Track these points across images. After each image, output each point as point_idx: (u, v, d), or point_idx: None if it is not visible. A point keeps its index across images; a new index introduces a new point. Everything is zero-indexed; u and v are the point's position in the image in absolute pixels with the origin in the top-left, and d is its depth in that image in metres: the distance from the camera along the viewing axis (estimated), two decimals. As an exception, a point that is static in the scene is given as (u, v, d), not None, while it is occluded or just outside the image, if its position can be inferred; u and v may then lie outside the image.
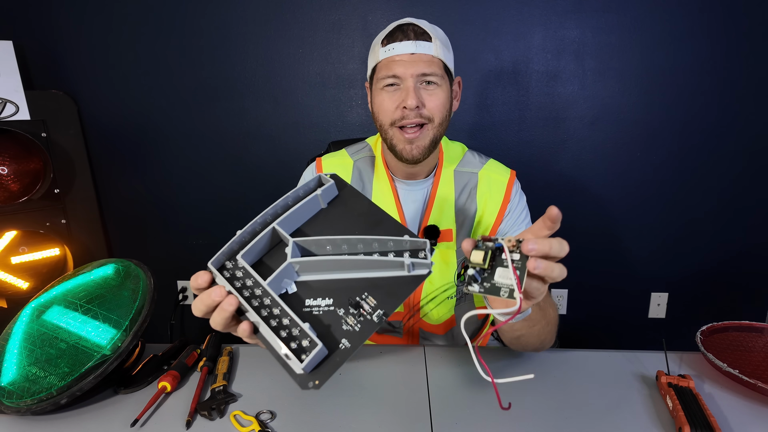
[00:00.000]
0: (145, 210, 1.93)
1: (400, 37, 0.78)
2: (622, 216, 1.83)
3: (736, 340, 0.79)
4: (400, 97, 0.78)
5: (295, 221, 0.53)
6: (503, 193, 0.88)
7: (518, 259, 0.46)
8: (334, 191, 0.56)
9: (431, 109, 0.78)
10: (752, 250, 1.83)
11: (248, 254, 0.49)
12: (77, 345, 0.68)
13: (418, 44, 0.77)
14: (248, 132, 1.82)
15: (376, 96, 0.81)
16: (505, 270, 0.47)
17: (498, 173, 0.90)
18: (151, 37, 1.72)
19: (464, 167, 0.90)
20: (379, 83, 0.80)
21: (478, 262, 0.47)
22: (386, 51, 0.78)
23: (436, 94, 0.79)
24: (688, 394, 0.65)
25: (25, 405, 0.64)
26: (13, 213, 1.58)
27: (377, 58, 0.80)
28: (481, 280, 0.48)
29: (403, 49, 0.77)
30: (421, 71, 0.77)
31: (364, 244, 0.49)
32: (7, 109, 1.55)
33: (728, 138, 1.72)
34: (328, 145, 1.19)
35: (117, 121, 1.82)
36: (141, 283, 0.75)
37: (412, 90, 0.76)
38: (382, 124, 0.82)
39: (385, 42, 0.79)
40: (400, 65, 0.77)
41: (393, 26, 0.80)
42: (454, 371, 0.75)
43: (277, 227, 0.51)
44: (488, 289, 0.47)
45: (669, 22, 1.62)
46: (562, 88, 1.71)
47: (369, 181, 0.90)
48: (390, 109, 0.79)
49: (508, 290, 0.46)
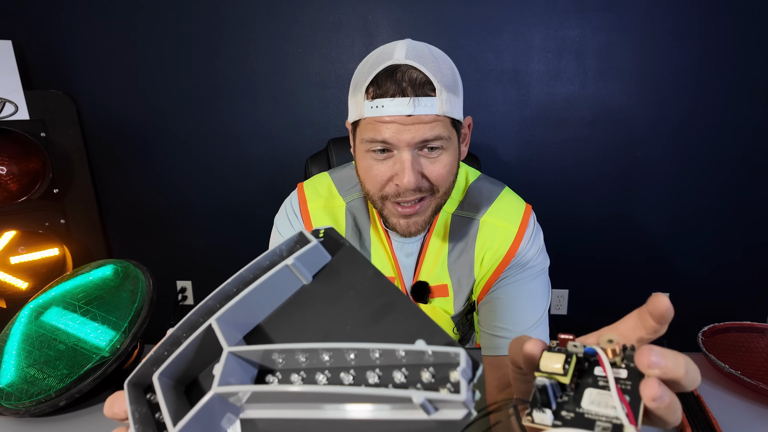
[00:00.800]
0: (144, 210, 1.93)
1: (392, 90, 0.56)
2: (622, 216, 1.83)
3: (737, 341, 0.79)
4: (392, 168, 0.59)
5: (255, 310, 0.33)
6: (507, 247, 0.70)
7: (625, 378, 0.28)
8: (322, 257, 0.35)
9: (435, 180, 0.61)
10: (753, 249, 1.83)
11: (169, 370, 0.30)
12: (76, 347, 0.67)
13: (417, 102, 0.56)
14: (248, 132, 1.81)
15: (362, 158, 0.62)
16: (602, 394, 0.28)
17: (505, 219, 0.72)
18: (150, 37, 1.72)
19: (464, 210, 0.73)
20: (364, 144, 0.60)
21: (556, 370, 0.28)
22: (373, 108, 0.57)
23: (441, 160, 0.60)
24: (689, 395, 0.65)
25: (23, 407, 0.64)
26: (12, 213, 1.58)
27: (360, 112, 0.59)
28: (558, 405, 0.28)
29: (396, 110, 0.56)
30: (420, 138, 0.57)
31: (358, 356, 0.28)
32: (6, 109, 1.54)
33: (728, 138, 1.71)
34: (328, 143, 1.19)
35: (116, 120, 1.82)
36: (140, 284, 0.75)
37: (408, 165, 0.57)
38: (369, 193, 0.64)
39: (371, 93, 0.57)
40: (391, 129, 0.57)
41: (381, 66, 0.57)
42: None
43: (215, 324, 0.30)
44: (570, 423, 0.28)
45: (669, 22, 1.61)
46: (563, 88, 1.71)
47: (366, 231, 0.74)
48: (380, 182, 0.61)
49: (609, 427, 0.26)
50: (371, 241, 0.74)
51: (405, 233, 0.64)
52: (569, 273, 1.89)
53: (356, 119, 0.61)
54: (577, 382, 0.29)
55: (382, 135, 0.57)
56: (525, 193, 0.93)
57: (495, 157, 1.79)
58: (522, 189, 0.92)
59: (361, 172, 0.64)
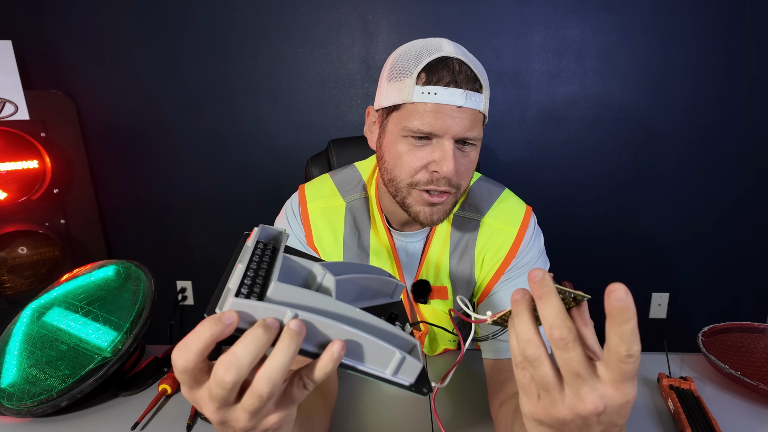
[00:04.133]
0: (144, 210, 1.93)
1: (447, 78, 0.57)
2: (623, 216, 1.83)
3: (737, 341, 0.79)
4: (429, 156, 0.60)
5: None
6: (507, 249, 0.71)
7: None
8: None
9: (461, 175, 0.62)
10: (753, 249, 1.83)
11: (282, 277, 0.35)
12: (78, 347, 0.67)
13: (469, 96, 0.57)
14: (248, 132, 1.81)
15: (394, 143, 0.62)
16: None
17: (505, 221, 0.72)
18: (150, 37, 1.72)
19: (466, 211, 0.74)
20: (403, 130, 0.60)
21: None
22: (425, 93, 0.57)
23: (470, 156, 0.62)
24: (689, 396, 0.65)
25: (25, 407, 0.64)
26: (12, 213, 1.58)
27: (407, 96, 0.59)
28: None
29: (450, 99, 0.57)
30: (465, 133, 0.58)
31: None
32: (6, 109, 1.54)
33: (729, 138, 1.72)
34: (329, 144, 1.19)
35: (116, 120, 1.82)
36: (142, 285, 0.75)
37: (450, 155, 0.58)
38: (395, 180, 0.64)
39: (424, 79, 0.58)
40: (443, 119, 0.57)
41: (431, 56, 0.58)
42: (456, 374, 0.75)
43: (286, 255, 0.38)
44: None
45: (669, 21, 1.61)
46: (563, 88, 1.71)
47: (366, 231, 0.74)
48: (414, 167, 0.61)
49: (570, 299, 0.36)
50: (370, 242, 0.74)
51: (428, 221, 0.64)
52: (570, 273, 1.90)
53: (399, 103, 0.60)
54: None
55: (431, 123, 0.57)
56: (525, 193, 0.93)
57: (494, 157, 1.79)
58: (522, 189, 0.92)
59: (392, 157, 0.63)
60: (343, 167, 0.82)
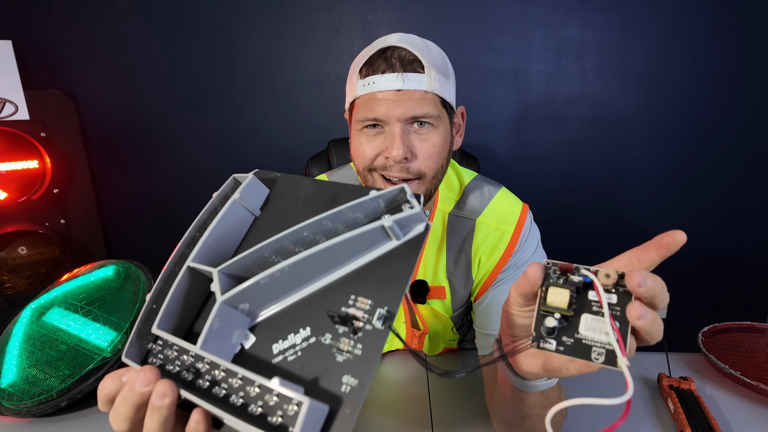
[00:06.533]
0: (145, 210, 1.93)
1: (383, 67, 0.59)
2: (623, 216, 1.83)
3: (737, 341, 0.79)
4: (382, 143, 0.62)
5: (221, 249, 0.37)
6: (504, 248, 0.71)
7: (615, 303, 0.31)
8: (261, 190, 0.41)
9: (423, 160, 0.62)
10: (753, 249, 1.83)
11: (166, 320, 0.33)
12: (78, 347, 0.67)
13: (406, 78, 0.59)
14: (248, 132, 1.81)
15: (356, 137, 0.65)
16: (597, 320, 0.31)
17: (501, 220, 0.73)
18: (150, 36, 1.72)
19: (461, 210, 0.74)
20: (357, 124, 0.63)
21: (561, 306, 0.31)
22: (365, 85, 0.61)
23: (430, 138, 0.62)
24: (689, 396, 0.65)
25: (24, 407, 0.64)
26: (12, 213, 1.58)
27: (355, 92, 0.63)
28: (558, 332, 0.32)
29: (387, 85, 0.59)
30: (410, 114, 0.59)
31: (316, 230, 0.33)
32: (6, 109, 1.54)
33: (729, 138, 1.71)
34: (328, 144, 1.19)
35: (116, 120, 1.81)
36: (141, 285, 0.75)
37: (398, 137, 0.59)
38: (359, 170, 0.67)
39: (363, 72, 0.61)
40: (382, 105, 0.59)
41: (374, 50, 0.62)
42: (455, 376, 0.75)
43: (193, 265, 0.34)
44: (570, 349, 0.31)
45: (669, 21, 1.61)
46: (563, 88, 1.71)
47: None
48: (369, 156, 0.63)
49: (603, 352, 0.30)
50: None
51: None
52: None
53: (352, 101, 0.65)
54: (574, 307, 0.32)
55: (374, 110, 0.60)
56: (524, 193, 0.93)
57: (494, 157, 1.79)
58: (521, 189, 0.92)
59: (354, 151, 0.66)
60: (340, 167, 0.84)
